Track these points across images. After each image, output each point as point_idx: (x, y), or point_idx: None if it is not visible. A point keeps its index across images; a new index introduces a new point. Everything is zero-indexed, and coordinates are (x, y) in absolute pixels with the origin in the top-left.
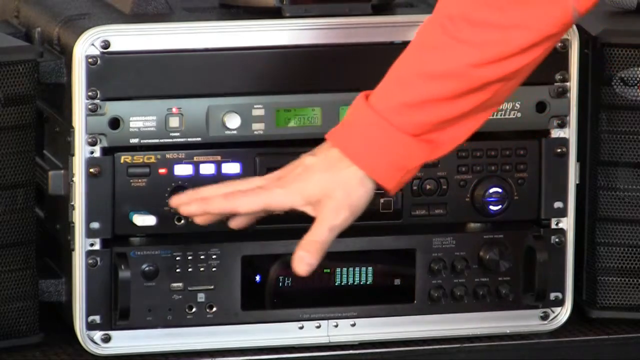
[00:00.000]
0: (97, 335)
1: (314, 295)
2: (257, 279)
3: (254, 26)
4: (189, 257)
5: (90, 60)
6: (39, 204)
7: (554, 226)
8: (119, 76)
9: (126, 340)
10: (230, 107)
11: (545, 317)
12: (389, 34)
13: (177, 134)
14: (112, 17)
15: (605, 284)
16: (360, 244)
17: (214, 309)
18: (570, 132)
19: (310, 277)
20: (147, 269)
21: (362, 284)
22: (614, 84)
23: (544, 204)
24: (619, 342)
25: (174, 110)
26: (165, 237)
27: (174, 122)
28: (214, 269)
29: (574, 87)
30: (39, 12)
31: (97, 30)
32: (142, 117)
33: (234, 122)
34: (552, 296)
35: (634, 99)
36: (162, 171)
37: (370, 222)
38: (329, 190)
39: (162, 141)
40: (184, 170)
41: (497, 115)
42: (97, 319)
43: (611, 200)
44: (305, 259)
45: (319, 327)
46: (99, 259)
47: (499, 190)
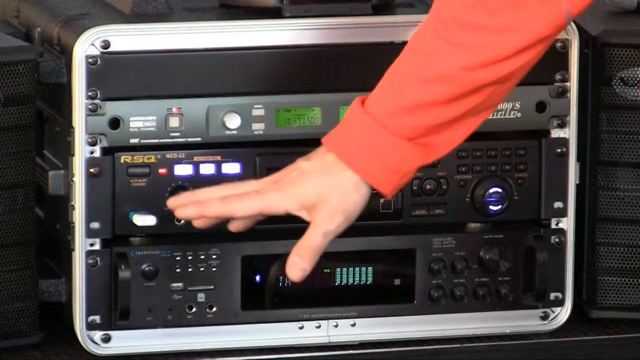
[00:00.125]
0: (97, 335)
1: (314, 295)
2: (257, 279)
3: (254, 26)
4: (189, 257)
5: (90, 60)
6: (39, 204)
7: (554, 226)
8: (119, 76)
9: (126, 340)
10: (230, 107)
11: (545, 317)
12: (389, 34)
13: (177, 134)
14: (112, 17)
15: (605, 284)
16: (360, 244)
17: (214, 309)
18: (570, 132)
19: (310, 277)
20: (147, 269)
21: (362, 284)
22: (614, 84)
23: (544, 204)
24: (619, 342)
25: (174, 110)
26: (165, 237)
27: (174, 122)
28: (214, 269)
29: (574, 87)
30: (39, 12)
31: (97, 30)
32: (142, 117)
33: (234, 122)
34: (552, 296)
35: (634, 99)
36: (162, 171)
37: (370, 222)
38: (324, 195)
39: (162, 141)
40: (184, 170)
41: (497, 115)
42: (97, 319)
43: (611, 200)
44: (298, 264)
45: (319, 327)
46: (99, 259)
47: (499, 190)
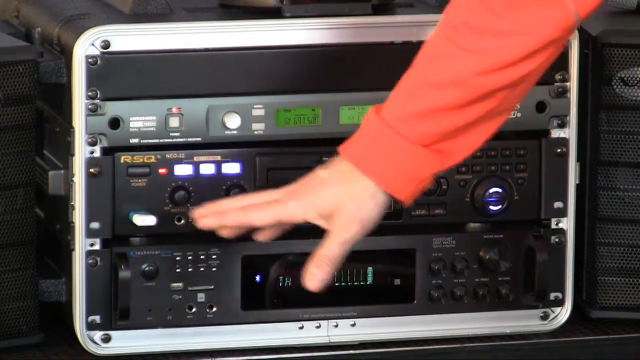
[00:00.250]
0: (97, 335)
1: (314, 295)
2: (257, 279)
3: (254, 26)
4: (189, 257)
5: (90, 60)
6: (39, 204)
7: (554, 226)
8: (119, 76)
9: (126, 340)
10: (230, 107)
11: (545, 317)
12: (389, 34)
13: (177, 134)
14: (112, 17)
15: (605, 284)
16: (360, 244)
17: (214, 309)
18: (570, 132)
19: None
20: (147, 269)
21: (362, 284)
22: (614, 84)
23: (544, 204)
24: (619, 342)
25: (174, 110)
26: (165, 237)
27: (174, 122)
28: (214, 269)
29: (574, 87)
30: (39, 12)
31: (97, 30)
32: (142, 117)
33: (234, 122)
34: (552, 296)
35: (634, 99)
36: (162, 171)
37: None
38: (341, 203)
39: (162, 141)
40: (184, 170)
41: None
42: (97, 319)
43: (611, 200)
44: (316, 275)
45: (319, 327)
46: (99, 259)
47: (499, 190)
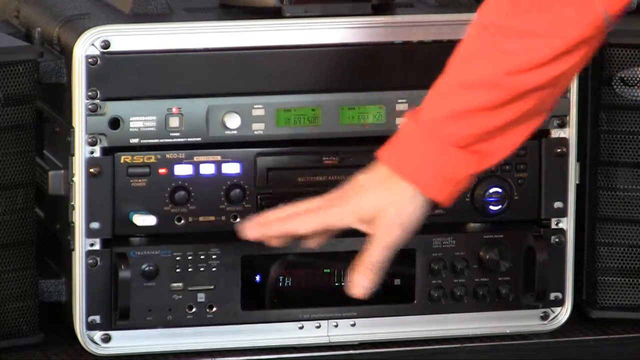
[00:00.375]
0: (97, 335)
1: (314, 295)
2: (257, 279)
3: (254, 26)
4: (189, 257)
5: (90, 60)
6: (39, 204)
7: (554, 226)
8: (119, 76)
9: (126, 340)
10: (230, 107)
11: (545, 317)
12: (389, 34)
13: (177, 134)
14: (112, 17)
15: (605, 284)
16: (360, 244)
17: (214, 309)
18: (570, 132)
19: (310, 277)
20: (147, 269)
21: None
22: (614, 84)
23: (544, 204)
24: (619, 342)
25: (174, 110)
26: (165, 237)
27: (174, 122)
28: (214, 269)
29: (574, 87)
30: (39, 12)
31: (97, 30)
32: (142, 117)
33: (234, 122)
34: (552, 296)
35: (634, 99)
36: (162, 171)
37: None
38: (382, 208)
39: (162, 141)
40: (184, 170)
41: None
42: (97, 319)
43: (611, 200)
44: (360, 282)
45: (319, 327)
46: (99, 259)
47: (499, 190)
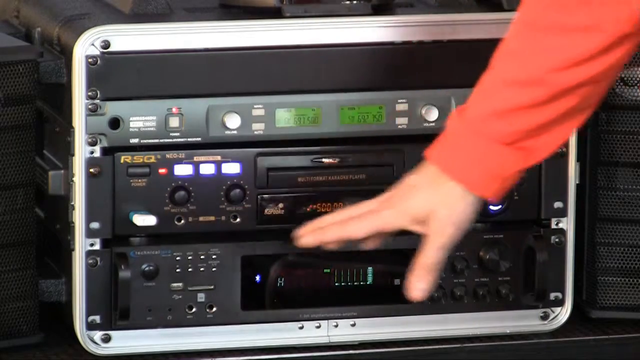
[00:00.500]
0: (97, 335)
1: (314, 295)
2: (257, 279)
3: (254, 26)
4: (189, 257)
5: (90, 60)
6: (39, 204)
7: (554, 226)
8: (119, 76)
9: (126, 340)
10: (230, 107)
11: (545, 317)
12: (389, 34)
13: (177, 134)
14: (112, 17)
15: (605, 284)
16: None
17: (214, 309)
18: None
19: (310, 277)
20: (147, 269)
21: (362, 284)
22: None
23: (544, 204)
24: (619, 342)
25: (174, 110)
26: (165, 237)
27: (174, 122)
28: (214, 269)
29: None
30: (39, 12)
31: (97, 30)
32: (142, 117)
33: (234, 122)
34: (552, 296)
35: (634, 99)
36: (162, 171)
37: None
38: (433, 207)
39: (162, 141)
40: (184, 170)
41: None
42: (97, 319)
43: (611, 200)
44: (418, 286)
45: (319, 327)
46: (99, 259)
47: None
